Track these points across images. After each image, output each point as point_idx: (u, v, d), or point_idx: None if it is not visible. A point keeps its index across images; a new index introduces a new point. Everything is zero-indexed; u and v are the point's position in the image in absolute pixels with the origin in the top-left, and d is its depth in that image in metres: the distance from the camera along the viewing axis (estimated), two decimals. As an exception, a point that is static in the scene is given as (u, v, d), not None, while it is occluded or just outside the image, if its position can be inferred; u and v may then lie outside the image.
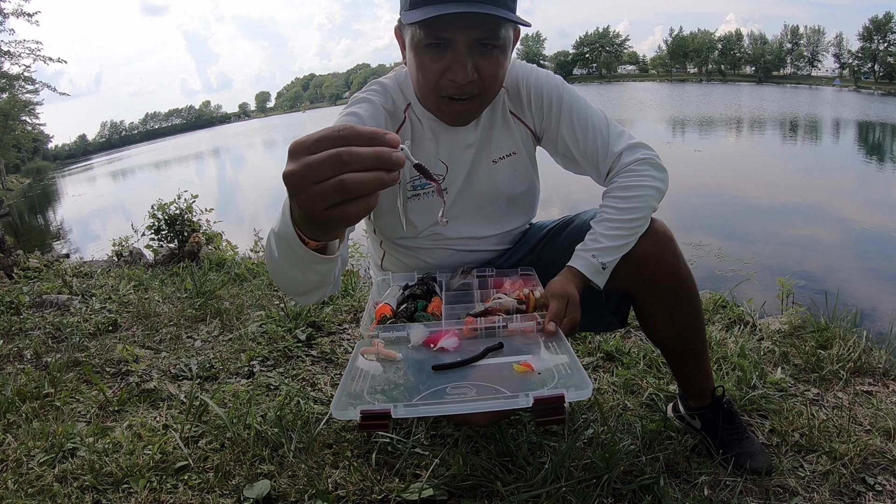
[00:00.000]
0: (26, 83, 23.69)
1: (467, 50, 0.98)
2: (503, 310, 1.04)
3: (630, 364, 1.73)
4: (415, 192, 1.16)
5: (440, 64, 1.00)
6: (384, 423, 0.78)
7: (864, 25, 68.68)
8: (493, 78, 1.03)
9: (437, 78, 1.01)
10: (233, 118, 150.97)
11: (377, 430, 0.94)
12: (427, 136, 1.14)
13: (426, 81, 1.03)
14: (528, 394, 0.79)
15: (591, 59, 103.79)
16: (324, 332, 2.15)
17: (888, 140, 14.08)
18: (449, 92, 1.03)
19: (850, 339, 1.80)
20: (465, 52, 0.98)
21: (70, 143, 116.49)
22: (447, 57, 0.99)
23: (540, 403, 0.78)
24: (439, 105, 1.06)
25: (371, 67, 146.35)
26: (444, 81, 1.01)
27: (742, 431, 1.27)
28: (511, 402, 0.79)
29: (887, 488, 1.17)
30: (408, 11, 0.98)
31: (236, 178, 17.30)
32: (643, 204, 1.09)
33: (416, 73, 1.04)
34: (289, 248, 0.73)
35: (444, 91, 1.03)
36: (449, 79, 1.01)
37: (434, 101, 1.06)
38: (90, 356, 2.02)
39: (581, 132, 1.15)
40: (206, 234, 4.25)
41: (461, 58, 0.98)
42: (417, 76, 1.05)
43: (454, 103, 1.04)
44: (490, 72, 1.02)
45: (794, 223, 5.52)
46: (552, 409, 0.78)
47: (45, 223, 13.49)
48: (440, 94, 1.03)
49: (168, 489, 1.23)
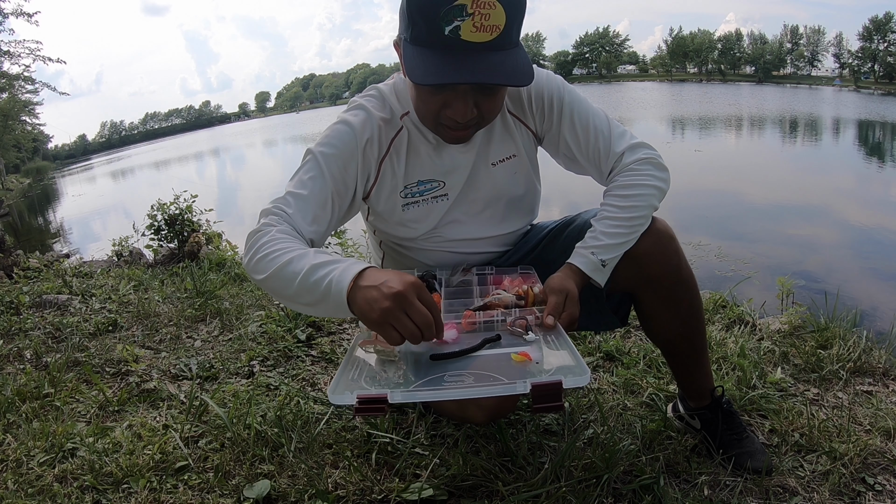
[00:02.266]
0: (26, 83, 23.70)
1: (469, 89, 0.97)
2: (502, 305, 1.05)
3: (630, 364, 1.73)
4: (413, 199, 1.16)
5: (440, 98, 0.98)
6: (380, 407, 0.78)
7: (864, 25, 68.72)
8: (493, 112, 1.03)
9: (437, 112, 1.00)
10: (232, 118, 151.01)
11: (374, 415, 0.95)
12: (424, 142, 1.14)
13: (425, 110, 1.02)
14: (525, 380, 0.79)
15: (591, 59, 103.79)
16: (324, 332, 2.15)
17: (888, 139, 14.08)
18: (448, 123, 1.02)
19: (850, 339, 1.80)
20: (468, 90, 0.97)
21: (70, 143, 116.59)
22: (447, 94, 0.97)
23: (538, 390, 0.78)
24: (437, 129, 1.06)
25: (371, 67, 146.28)
26: (444, 116, 1.00)
27: (742, 431, 1.27)
28: (509, 388, 0.80)
29: (887, 488, 1.17)
30: (409, 45, 0.95)
31: (236, 177, 17.31)
32: (644, 203, 1.09)
33: (416, 100, 1.03)
34: (322, 300, 0.87)
35: (444, 122, 1.02)
36: (448, 115, 0.99)
37: (433, 125, 1.06)
38: (90, 356, 2.02)
39: (582, 133, 1.15)
40: (206, 234, 4.25)
41: (462, 97, 0.97)
42: (417, 103, 1.04)
43: (453, 131, 1.04)
44: (491, 108, 1.02)
45: (794, 223, 5.52)
46: (550, 396, 0.78)
47: (45, 223, 13.49)
48: (439, 122, 1.03)
49: (168, 489, 1.23)
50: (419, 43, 0.94)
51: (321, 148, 1.07)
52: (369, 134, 1.09)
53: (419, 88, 0.99)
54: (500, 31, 0.90)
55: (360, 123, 1.08)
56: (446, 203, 1.18)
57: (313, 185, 1.04)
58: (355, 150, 1.08)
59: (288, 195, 1.03)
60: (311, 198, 1.03)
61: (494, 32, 0.90)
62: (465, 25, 0.88)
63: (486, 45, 0.90)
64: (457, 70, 0.90)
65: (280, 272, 0.90)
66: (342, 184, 1.07)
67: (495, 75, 0.92)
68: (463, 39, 0.89)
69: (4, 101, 23.93)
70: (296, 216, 1.01)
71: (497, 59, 0.92)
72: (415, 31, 0.93)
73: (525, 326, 0.99)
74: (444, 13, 0.88)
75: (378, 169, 1.12)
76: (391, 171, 1.13)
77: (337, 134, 1.08)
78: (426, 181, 1.15)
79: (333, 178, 1.06)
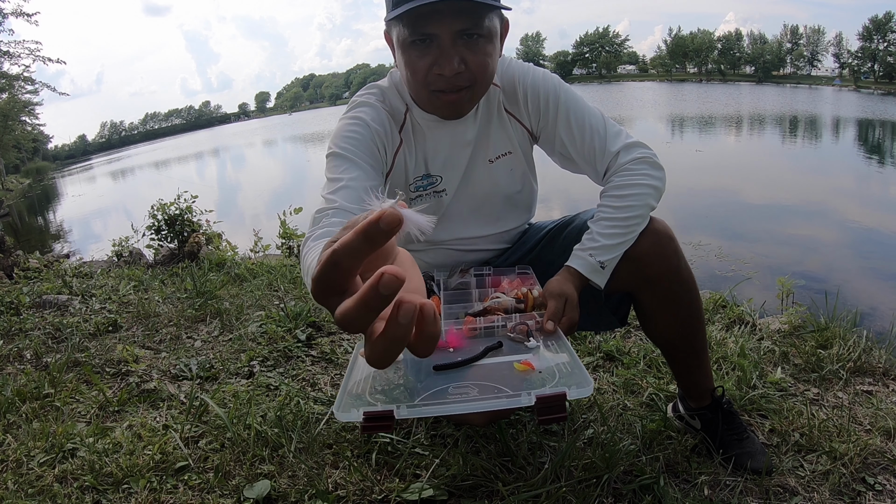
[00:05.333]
0: (26, 83, 23.72)
1: (452, 42, 0.98)
2: (502, 309, 1.04)
3: (630, 364, 1.73)
4: (417, 192, 1.17)
5: (427, 59, 1.00)
6: (387, 424, 0.78)
7: (864, 25, 68.74)
8: (481, 67, 1.03)
9: (426, 73, 1.01)
10: (232, 118, 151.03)
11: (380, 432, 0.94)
12: (426, 135, 1.14)
13: (415, 78, 1.03)
14: (530, 392, 0.79)
15: (590, 59, 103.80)
16: (324, 333, 2.15)
17: (888, 139, 14.08)
18: (438, 86, 1.02)
19: (850, 339, 1.80)
20: (450, 44, 0.98)
21: (70, 144, 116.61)
22: (433, 52, 0.99)
23: (542, 402, 0.78)
24: (431, 100, 1.06)
25: (371, 67, 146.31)
26: (433, 76, 1.01)
27: (742, 431, 1.27)
28: (514, 400, 0.79)
29: (887, 488, 1.17)
30: (391, 11, 0.99)
31: (236, 177, 17.31)
32: (640, 203, 1.09)
33: (406, 72, 1.04)
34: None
35: (434, 85, 1.03)
36: (436, 73, 1.01)
37: (426, 96, 1.06)
38: (90, 356, 2.02)
39: (578, 132, 1.15)
40: (206, 234, 4.25)
41: (447, 51, 0.98)
42: (407, 74, 1.05)
43: (445, 95, 1.04)
44: (478, 62, 1.02)
45: (794, 223, 5.52)
46: (554, 408, 0.78)
47: (45, 223, 13.49)
48: (430, 88, 1.03)
49: (168, 489, 1.23)
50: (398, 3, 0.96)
51: (341, 144, 1.05)
52: (380, 126, 1.09)
53: (407, 52, 1.01)
54: None
55: (370, 117, 1.09)
56: (445, 199, 1.18)
57: (348, 174, 1.00)
58: (373, 139, 1.08)
59: (328, 195, 0.98)
60: (352, 183, 0.98)
61: None
62: None
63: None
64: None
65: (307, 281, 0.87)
66: (374, 169, 1.05)
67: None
68: None
69: (4, 101, 23.95)
70: (343, 206, 0.95)
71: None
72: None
73: (526, 332, 0.99)
74: None
75: (393, 160, 1.13)
76: (403, 163, 1.14)
77: (352, 128, 1.08)
78: (429, 175, 1.16)
79: (366, 163, 1.03)
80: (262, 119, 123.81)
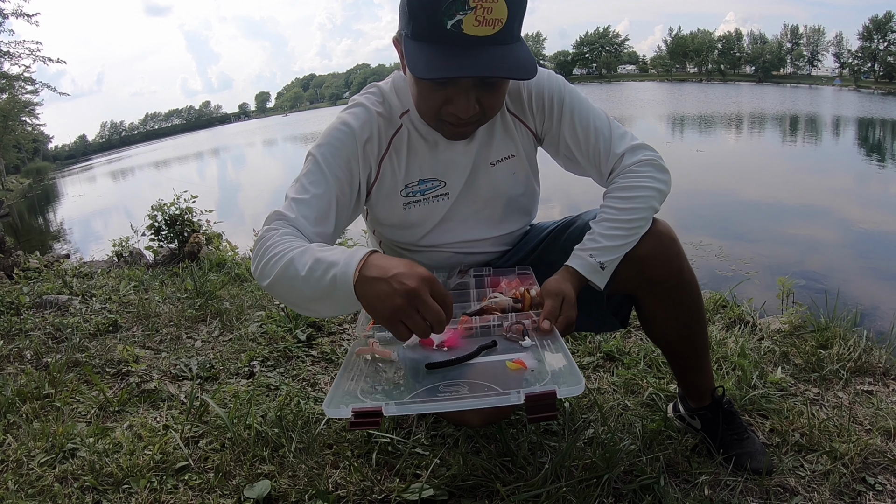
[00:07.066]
0: (26, 84, 23.74)
1: (471, 84, 0.96)
2: (499, 308, 1.04)
3: (630, 364, 1.73)
4: (414, 198, 1.16)
5: (441, 94, 0.98)
6: (375, 420, 0.78)
7: (864, 25, 68.70)
8: (495, 108, 1.02)
9: (438, 108, 1.00)
10: (232, 118, 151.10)
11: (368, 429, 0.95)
12: (424, 140, 1.13)
13: (426, 107, 1.02)
14: (519, 391, 0.79)
15: (591, 58, 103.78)
16: (324, 333, 2.15)
17: (888, 138, 14.07)
18: (450, 119, 1.01)
19: (850, 339, 1.80)
20: (469, 86, 0.96)
21: (70, 144, 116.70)
22: (449, 89, 0.97)
23: (532, 400, 0.78)
24: (439, 125, 1.05)
25: (371, 67, 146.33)
26: (446, 112, 1.00)
27: (742, 431, 1.27)
28: (503, 399, 0.79)
29: (888, 488, 1.17)
30: (410, 40, 0.95)
31: (236, 177, 17.31)
32: (643, 205, 1.09)
33: (416, 97, 1.03)
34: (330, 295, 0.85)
35: (445, 117, 1.01)
36: (450, 111, 0.99)
37: (434, 122, 1.05)
38: (90, 356, 2.02)
39: (583, 133, 1.14)
40: (206, 234, 4.25)
41: (464, 92, 0.96)
42: (417, 99, 1.03)
43: (455, 127, 1.03)
44: (493, 103, 1.01)
45: (794, 223, 5.52)
46: (544, 406, 0.78)
47: (46, 224, 13.50)
48: (440, 118, 1.02)
49: (168, 489, 1.23)
50: (421, 38, 0.93)
51: (321, 149, 1.06)
52: (369, 133, 1.08)
53: (421, 84, 0.98)
54: (502, 25, 0.90)
55: (359, 122, 1.08)
56: (447, 202, 1.18)
57: (315, 188, 1.02)
58: (356, 149, 1.07)
59: (291, 201, 1.01)
60: (314, 200, 1.01)
61: (497, 26, 0.90)
62: (468, 19, 0.88)
63: (488, 39, 0.90)
64: (460, 64, 0.90)
65: (284, 273, 0.88)
66: (346, 183, 1.06)
67: (498, 69, 0.91)
68: (465, 34, 0.89)
69: (4, 101, 23.96)
70: (299, 220, 0.99)
71: (499, 54, 0.91)
72: (416, 25, 0.93)
73: (521, 331, 0.98)
74: (445, 7, 0.87)
75: (378, 168, 1.12)
76: (391, 170, 1.13)
77: (336, 134, 1.08)
78: (427, 180, 1.15)
79: (336, 178, 1.05)
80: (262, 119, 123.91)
